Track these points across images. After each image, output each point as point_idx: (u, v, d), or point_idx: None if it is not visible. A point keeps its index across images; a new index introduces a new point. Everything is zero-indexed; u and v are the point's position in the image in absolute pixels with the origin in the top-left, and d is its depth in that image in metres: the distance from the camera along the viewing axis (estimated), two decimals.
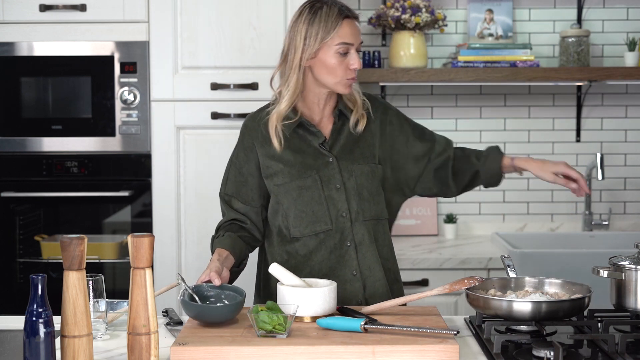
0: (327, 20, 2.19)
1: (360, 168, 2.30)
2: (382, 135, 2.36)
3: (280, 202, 2.30)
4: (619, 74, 3.59)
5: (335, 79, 2.23)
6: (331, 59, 2.21)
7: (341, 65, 2.21)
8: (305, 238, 2.28)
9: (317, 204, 2.26)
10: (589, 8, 3.81)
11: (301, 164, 2.28)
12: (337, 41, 2.20)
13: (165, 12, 3.31)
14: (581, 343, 1.91)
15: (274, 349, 1.76)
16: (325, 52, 2.21)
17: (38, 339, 1.62)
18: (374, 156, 2.34)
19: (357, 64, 2.22)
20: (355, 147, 2.32)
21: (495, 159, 2.35)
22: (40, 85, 3.41)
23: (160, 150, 3.35)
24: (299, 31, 2.22)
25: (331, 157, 2.29)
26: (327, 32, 2.19)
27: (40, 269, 3.43)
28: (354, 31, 2.22)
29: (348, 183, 2.28)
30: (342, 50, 2.20)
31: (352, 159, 2.30)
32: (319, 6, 2.22)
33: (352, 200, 2.28)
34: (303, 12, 2.23)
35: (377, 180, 2.32)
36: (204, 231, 3.37)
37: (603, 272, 2.06)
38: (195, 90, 3.34)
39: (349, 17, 2.22)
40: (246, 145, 2.34)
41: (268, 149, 2.30)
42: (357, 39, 2.23)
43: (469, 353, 1.86)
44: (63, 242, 1.63)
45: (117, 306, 2.16)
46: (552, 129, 3.86)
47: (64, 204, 3.48)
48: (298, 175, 2.27)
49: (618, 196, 3.88)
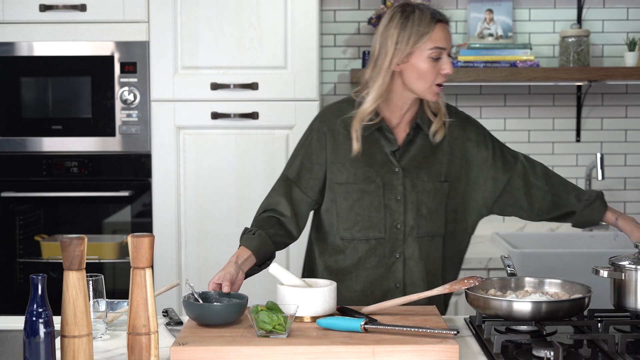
0: (420, 24, 2.16)
1: (424, 184, 2.27)
2: (455, 152, 2.31)
3: (335, 200, 2.28)
4: (619, 74, 3.59)
5: (425, 85, 2.20)
6: (423, 63, 2.18)
7: (433, 70, 2.18)
8: (355, 241, 2.27)
9: (375, 211, 2.25)
10: (589, 8, 3.81)
11: (368, 168, 2.26)
12: (430, 45, 2.17)
13: (165, 12, 3.31)
14: (581, 343, 1.91)
15: (274, 349, 1.76)
16: (417, 56, 2.18)
17: (38, 339, 1.62)
18: (441, 174, 2.30)
19: (449, 69, 2.19)
20: (424, 162, 2.29)
21: (599, 211, 2.30)
22: (40, 85, 3.41)
23: (160, 150, 3.35)
24: (390, 35, 2.19)
25: (398, 168, 2.26)
26: (419, 36, 2.16)
27: (40, 269, 3.43)
28: (447, 35, 2.19)
29: (409, 196, 2.26)
30: (434, 55, 2.17)
31: (418, 173, 2.27)
32: (411, 10, 2.19)
33: (409, 214, 2.26)
34: (394, 17, 2.20)
35: (439, 198, 2.29)
36: (204, 231, 3.37)
37: (603, 272, 2.06)
38: (195, 90, 3.34)
39: (442, 22, 2.19)
40: (321, 133, 2.30)
41: (339, 145, 2.27)
42: (449, 43, 2.20)
43: (469, 353, 1.86)
44: (63, 242, 1.63)
45: (117, 306, 2.16)
46: (552, 129, 3.86)
47: (64, 204, 3.48)
48: (362, 178, 2.25)
49: (618, 196, 3.88)
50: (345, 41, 3.84)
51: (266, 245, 2.24)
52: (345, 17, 3.83)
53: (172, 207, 3.35)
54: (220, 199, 3.36)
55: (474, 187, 2.33)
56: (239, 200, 3.36)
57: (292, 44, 3.33)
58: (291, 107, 3.34)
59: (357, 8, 3.83)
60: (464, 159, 2.32)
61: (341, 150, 2.27)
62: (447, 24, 2.21)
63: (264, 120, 3.34)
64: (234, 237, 3.35)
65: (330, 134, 2.28)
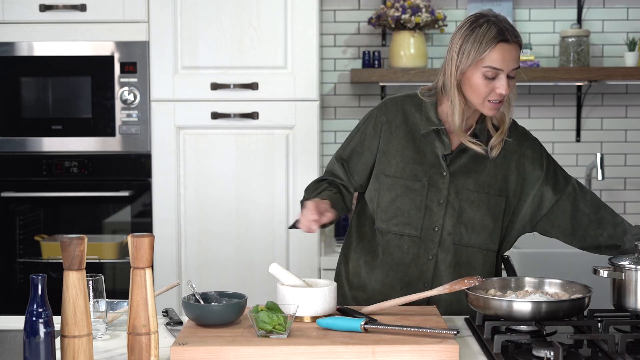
0: (482, 40, 2.12)
1: (469, 193, 2.25)
2: (512, 168, 2.29)
3: (379, 190, 2.27)
4: (619, 74, 3.59)
5: (478, 100, 2.17)
6: (477, 79, 2.15)
7: (486, 87, 2.15)
8: (390, 235, 2.27)
9: (415, 209, 2.25)
10: (589, 8, 3.81)
11: (417, 165, 2.25)
12: (486, 64, 2.13)
13: (165, 12, 3.32)
14: (581, 343, 1.91)
15: (274, 349, 1.76)
16: (472, 71, 2.15)
17: (38, 339, 1.62)
18: (490, 186, 2.27)
19: (504, 89, 2.13)
20: (473, 171, 2.27)
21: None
22: (40, 85, 3.41)
23: (160, 150, 3.35)
24: (455, 44, 2.17)
25: (446, 172, 2.25)
26: (478, 52, 2.12)
27: (40, 269, 3.43)
28: (507, 57, 2.13)
29: (452, 202, 2.25)
30: (489, 74, 2.13)
31: (465, 182, 2.26)
32: (480, 23, 2.15)
33: (447, 220, 2.25)
34: (464, 26, 2.17)
35: (485, 210, 2.26)
36: (204, 231, 3.37)
37: (603, 272, 2.06)
38: (195, 90, 3.34)
39: (505, 42, 2.13)
40: (378, 122, 2.30)
41: (393, 137, 2.27)
42: (508, 64, 2.13)
43: (469, 353, 1.86)
44: (63, 242, 1.63)
45: (117, 306, 2.16)
46: (552, 129, 3.86)
47: (64, 204, 3.48)
48: (410, 175, 2.25)
49: (618, 196, 3.88)
50: (345, 41, 3.84)
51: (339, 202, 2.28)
52: (345, 17, 3.83)
53: (172, 207, 3.35)
54: (220, 199, 3.36)
55: (523, 204, 2.30)
56: (239, 200, 3.36)
57: (292, 44, 3.33)
58: (291, 107, 3.34)
59: (357, 8, 3.83)
60: (519, 176, 2.30)
61: (394, 143, 2.27)
62: (512, 43, 2.14)
63: (264, 120, 3.34)
64: (234, 237, 3.37)
65: (387, 124, 2.28)
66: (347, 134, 2.38)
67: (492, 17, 2.17)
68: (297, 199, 3.35)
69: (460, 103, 2.19)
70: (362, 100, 3.84)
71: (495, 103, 2.17)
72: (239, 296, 2.02)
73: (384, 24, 3.66)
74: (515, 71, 2.16)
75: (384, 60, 3.81)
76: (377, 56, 3.72)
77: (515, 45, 2.15)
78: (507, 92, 2.14)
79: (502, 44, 2.13)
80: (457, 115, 2.20)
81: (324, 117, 3.81)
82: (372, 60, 3.72)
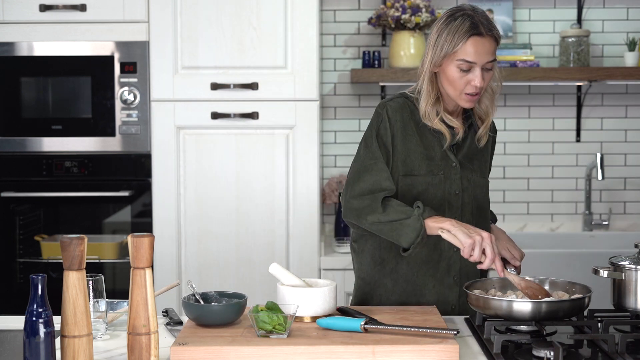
0: (455, 34, 2.16)
1: (476, 179, 2.32)
2: (487, 151, 2.38)
3: (398, 192, 2.24)
4: (619, 74, 3.59)
5: (454, 92, 2.21)
6: (452, 72, 2.18)
7: (461, 79, 2.18)
8: None
9: (438, 204, 2.26)
10: (589, 8, 3.81)
11: (430, 161, 2.27)
12: (459, 57, 2.16)
13: (165, 12, 3.32)
14: (581, 343, 1.91)
15: (274, 349, 1.76)
16: (447, 64, 2.19)
17: (38, 339, 1.62)
18: (486, 170, 2.38)
19: (479, 82, 2.17)
20: (474, 158, 2.33)
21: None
22: (40, 85, 3.41)
23: (160, 150, 3.35)
24: (431, 36, 2.21)
25: (455, 162, 2.28)
26: (451, 46, 2.16)
27: (40, 269, 3.43)
28: (480, 50, 2.16)
29: (466, 191, 2.29)
30: (463, 67, 2.17)
31: (472, 168, 2.32)
32: (455, 17, 2.18)
33: (466, 209, 2.29)
34: (441, 19, 2.21)
35: (486, 194, 2.36)
36: (204, 231, 3.37)
37: (603, 272, 2.06)
38: (195, 90, 3.34)
39: (478, 35, 2.16)
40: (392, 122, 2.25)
41: (405, 137, 2.26)
42: (481, 57, 2.16)
43: (469, 353, 1.86)
44: (63, 242, 1.63)
45: (117, 306, 2.16)
46: (552, 129, 3.86)
47: (64, 204, 3.48)
48: (427, 171, 2.26)
49: (618, 196, 3.88)
50: (345, 41, 3.84)
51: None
52: (345, 17, 3.83)
53: (172, 207, 3.35)
54: (220, 199, 3.36)
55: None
56: (239, 200, 3.36)
57: (292, 44, 3.33)
58: (291, 107, 3.34)
59: (357, 8, 3.83)
60: (490, 157, 2.43)
61: (406, 144, 2.26)
62: (486, 36, 2.16)
63: (264, 120, 3.34)
64: (234, 237, 3.37)
65: (401, 123, 2.26)
66: (347, 134, 2.39)
67: (469, 11, 2.19)
68: (297, 198, 3.35)
69: (430, 92, 2.23)
70: (362, 100, 3.84)
71: (471, 95, 2.20)
72: (239, 296, 2.02)
73: (384, 24, 3.66)
74: (491, 64, 2.19)
75: (384, 60, 3.81)
76: (377, 56, 3.72)
77: (489, 38, 2.18)
78: (482, 85, 2.18)
79: (475, 37, 2.16)
80: (423, 101, 2.23)
81: (324, 117, 3.81)
82: (372, 60, 3.72)
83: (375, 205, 2.18)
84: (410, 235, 2.12)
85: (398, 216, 2.14)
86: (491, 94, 2.29)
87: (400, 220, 2.14)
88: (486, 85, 2.21)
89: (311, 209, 3.35)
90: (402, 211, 2.15)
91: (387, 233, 2.17)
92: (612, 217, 3.85)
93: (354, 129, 3.83)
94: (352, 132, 3.83)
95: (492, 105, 2.30)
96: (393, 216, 2.15)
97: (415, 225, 2.12)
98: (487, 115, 2.30)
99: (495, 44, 2.20)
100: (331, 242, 3.65)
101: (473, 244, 2.04)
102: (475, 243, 2.04)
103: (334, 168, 3.85)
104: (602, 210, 3.86)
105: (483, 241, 2.05)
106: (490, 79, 2.23)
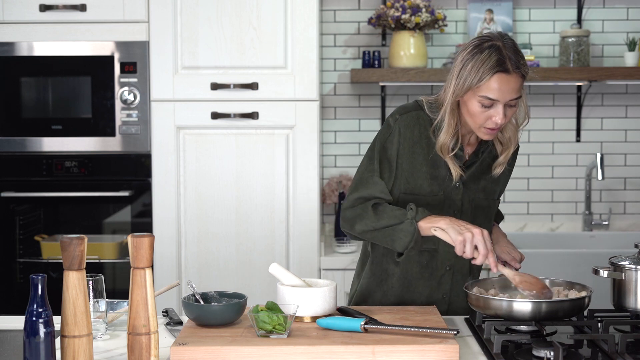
0: (480, 68, 2.06)
1: (480, 201, 2.27)
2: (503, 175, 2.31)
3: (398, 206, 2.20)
4: (619, 74, 3.59)
5: (474, 124, 2.14)
6: (473, 106, 2.10)
7: (482, 114, 2.10)
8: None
9: None
10: (589, 8, 3.81)
11: (433, 180, 2.22)
12: (481, 93, 2.07)
13: (165, 12, 3.32)
14: (581, 343, 1.91)
15: (274, 349, 1.76)
16: (469, 97, 2.10)
17: (38, 339, 1.62)
18: (495, 192, 2.31)
19: (500, 119, 2.08)
20: (482, 179, 2.27)
21: None
22: (40, 85, 3.41)
23: (160, 150, 3.35)
24: (456, 66, 2.12)
25: (459, 183, 2.23)
26: (475, 80, 2.07)
27: (40, 269, 3.43)
28: (504, 88, 2.07)
29: (465, 212, 2.25)
30: (485, 103, 2.08)
31: (476, 189, 2.27)
32: (482, 48, 2.08)
33: None
34: (467, 48, 2.11)
35: (490, 215, 2.31)
36: (204, 231, 3.37)
37: (603, 272, 2.06)
38: (195, 90, 3.34)
39: (504, 72, 2.06)
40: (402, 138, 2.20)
41: (412, 155, 2.21)
42: (505, 95, 2.07)
43: (469, 353, 1.86)
44: (63, 242, 1.63)
45: (117, 306, 2.16)
46: (552, 129, 3.86)
47: (64, 204, 3.48)
48: (428, 191, 2.22)
49: (618, 196, 3.88)
50: (345, 41, 3.84)
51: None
52: (345, 17, 3.83)
53: (172, 207, 3.35)
54: (220, 199, 3.36)
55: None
56: (239, 200, 3.36)
57: (292, 44, 3.33)
58: (291, 107, 3.34)
59: (357, 8, 3.83)
60: (506, 180, 2.35)
61: (413, 161, 2.21)
62: (513, 74, 2.07)
63: (264, 120, 3.34)
64: (234, 237, 3.37)
65: (411, 141, 2.21)
66: (347, 134, 2.38)
67: (498, 41, 2.09)
68: (297, 199, 3.35)
69: (450, 125, 2.16)
70: (362, 100, 3.84)
71: (491, 129, 2.13)
72: (239, 296, 2.03)
73: (384, 24, 3.66)
74: (515, 101, 2.11)
75: (384, 60, 3.81)
76: (377, 56, 3.72)
77: (515, 76, 2.08)
78: (503, 122, 2.10)
79: (501, 74, 2.06)
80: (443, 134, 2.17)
81: (324, 117, 3.81)
82: (372, 60, 3.72)
83: (365, 213, 2.16)
84: (404, 239, 2.12)
85: (391, 222, 2.13)
86: (515, 125, 2.21)
87: (393, 225, 2.13)
88: (507, 120, 2.14)
89: (311, 209, 3.35)
90: (394, 216, 2.13)
91: (381, 239, 2.17)
92: (612, 217, 3.85)
93: (354, 129, 3.83)
94: (352, 132, 3.83)
95: (514, 136, 2.22)
96: (386, 222, 2.14)
97: (408, 229, 2.11)
98: (508, 146, 2.23)
99: (522, 81, 2.11)
100: (331, 242, 3.65)
101: (464, 241, 2.03)
102: (466, 240, 2.03)
103: (334, 168, 3.85)
104: (602, 210, 3.86)
105: (474, 237, 2.02)
106: (513, 114, 2.15)
